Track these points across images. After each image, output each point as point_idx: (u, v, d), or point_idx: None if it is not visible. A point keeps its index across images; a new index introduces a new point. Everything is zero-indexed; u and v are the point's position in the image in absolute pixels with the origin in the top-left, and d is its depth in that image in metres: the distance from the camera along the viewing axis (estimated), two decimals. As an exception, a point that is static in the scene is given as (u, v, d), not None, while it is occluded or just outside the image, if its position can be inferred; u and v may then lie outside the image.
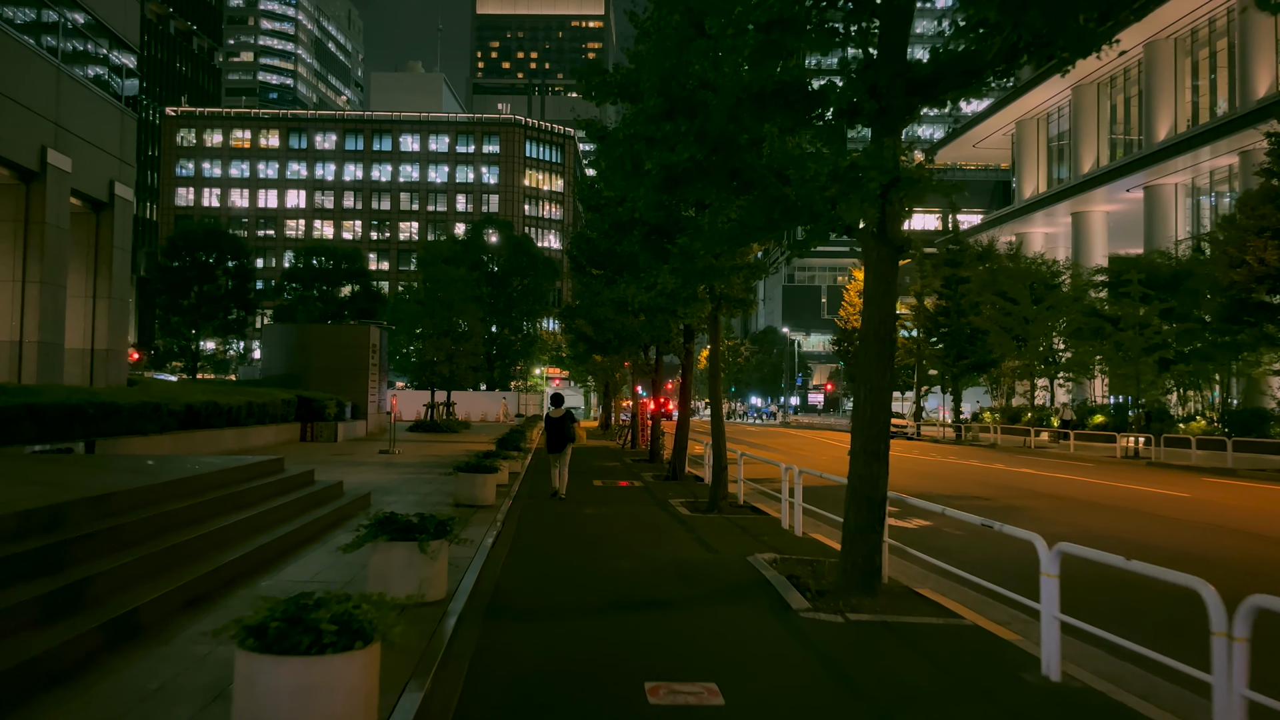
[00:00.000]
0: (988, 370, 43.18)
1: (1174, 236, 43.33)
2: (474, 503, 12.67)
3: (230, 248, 50.72)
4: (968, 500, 15.93)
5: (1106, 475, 22.34)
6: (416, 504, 12.87)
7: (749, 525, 11.79)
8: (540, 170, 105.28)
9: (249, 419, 24.06)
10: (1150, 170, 43.91)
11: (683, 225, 13.29)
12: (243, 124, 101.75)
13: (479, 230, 69.07)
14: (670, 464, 18.27)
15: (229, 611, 6.09)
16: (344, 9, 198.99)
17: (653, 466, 21.66)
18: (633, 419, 30.16)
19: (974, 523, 6.91)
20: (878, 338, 7.53)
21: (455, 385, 41.25)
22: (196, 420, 20.49)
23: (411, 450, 25.74)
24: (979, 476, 21.28)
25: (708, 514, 12.92)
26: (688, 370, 18.37)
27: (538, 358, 77.58)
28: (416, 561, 6.53)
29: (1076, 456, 30.80)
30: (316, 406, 29.36)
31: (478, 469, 12.69)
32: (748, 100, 7.40)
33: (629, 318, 18.05)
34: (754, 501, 14.32)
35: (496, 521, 11.32)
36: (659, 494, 15.57)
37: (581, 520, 12.17)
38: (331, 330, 36.37)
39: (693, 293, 12.66)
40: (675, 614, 6.82)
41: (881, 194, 6.97)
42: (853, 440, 7.52)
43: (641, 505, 14.02)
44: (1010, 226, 57.87)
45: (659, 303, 13.58)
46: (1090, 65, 49.43)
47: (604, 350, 23.40)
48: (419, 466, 19.87)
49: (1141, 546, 10.83)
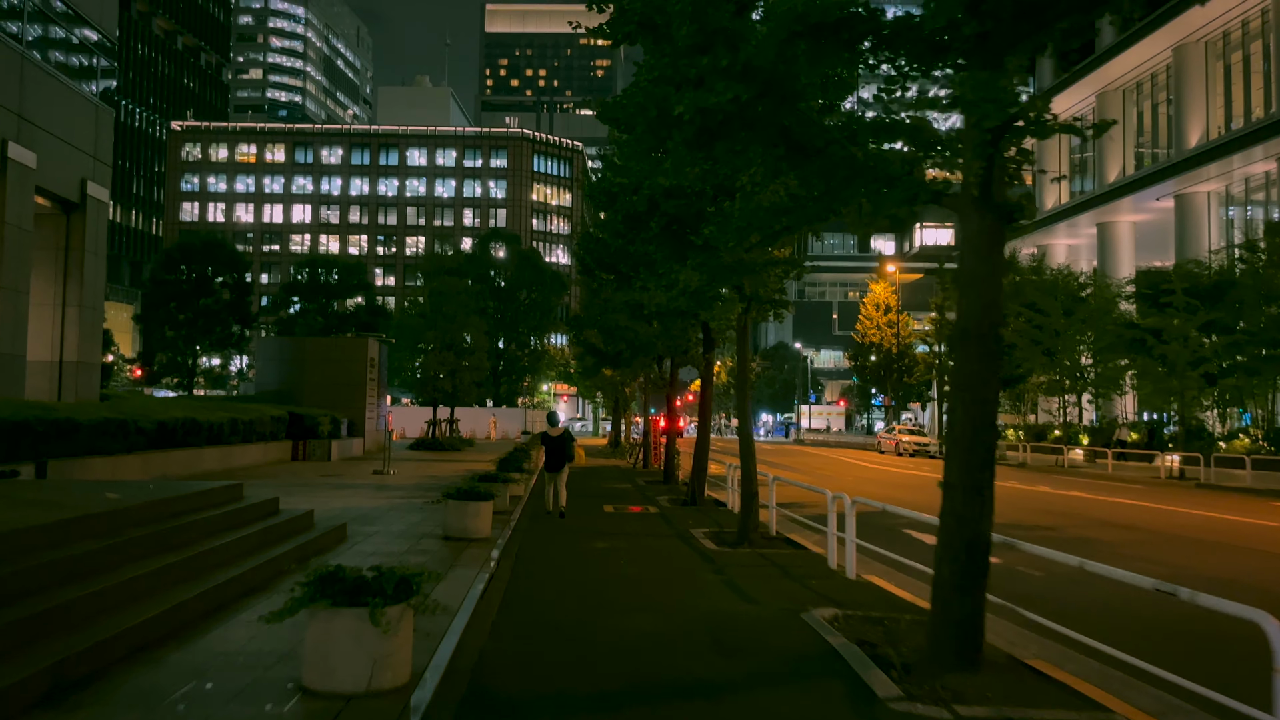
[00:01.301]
0: (1014, 386, 41.23)
1: (1208, 246, 41.44)
2: (465, 535, 10.93)
3: (229, 260, 49.24)
4: (1029, 530, 14.11)
5: (1164, 499, 20.46)
6: (400, 537, 11.14)
7: (788, 564, 10.01)
8: (548, 185, 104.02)
9: (233, 437, 22.40)
10: (1182, 178, 42.10)
11: (706, 217, 11.61)
12: (248, 138, 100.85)
13: (485, 243, 67.61)
14: (688, 487, 16.51)
15: (98, 713, 4.37)
16: (353, 27, 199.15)
17: (668, 489, 19.90)
18: (644, 437, 28.40)
19: (1069, 564, 5.37)
20: (980, 335, 5.81)
21: (459, 401, 39.56)
22: (171, 439, 18.82)
23: (408, 471, 24.02)
24: (1026, 501, 19.43)
25: (736, 548, 11.16)
26: (707, 383, 16.65)
27: (545, 373, 75.87)
28: (368, 636, 4.79)
29: (1116, 477, 28.88)
30: (309, 423, 27.71)
31: (471, 495, 10.96)
32: (805, 34, 5.72)
33: (642, 325, 16.34)
34: (788, 532, 12.54)
35: (490, 561, 9.57)
36: (678, 523, 13.80)
37: (590, 557, 10.42)
38: (328, 344, 34.77)
39: (719, 292, 10.95)
40: (717, 707, 5.05)
41: (992, 140, 5.25)
42: (946, 468, 5.76)
43: (659, 537, 12.25)
44: (1031, 239, 56.03)
45: (679, 305, 11.86)
46: (1116, 70, 47.87)
47: (614, 363, 21.66)
48: (412, 489, 18.15)
49: None
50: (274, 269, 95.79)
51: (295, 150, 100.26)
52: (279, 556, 8.74)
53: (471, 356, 37.09)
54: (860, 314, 57.27)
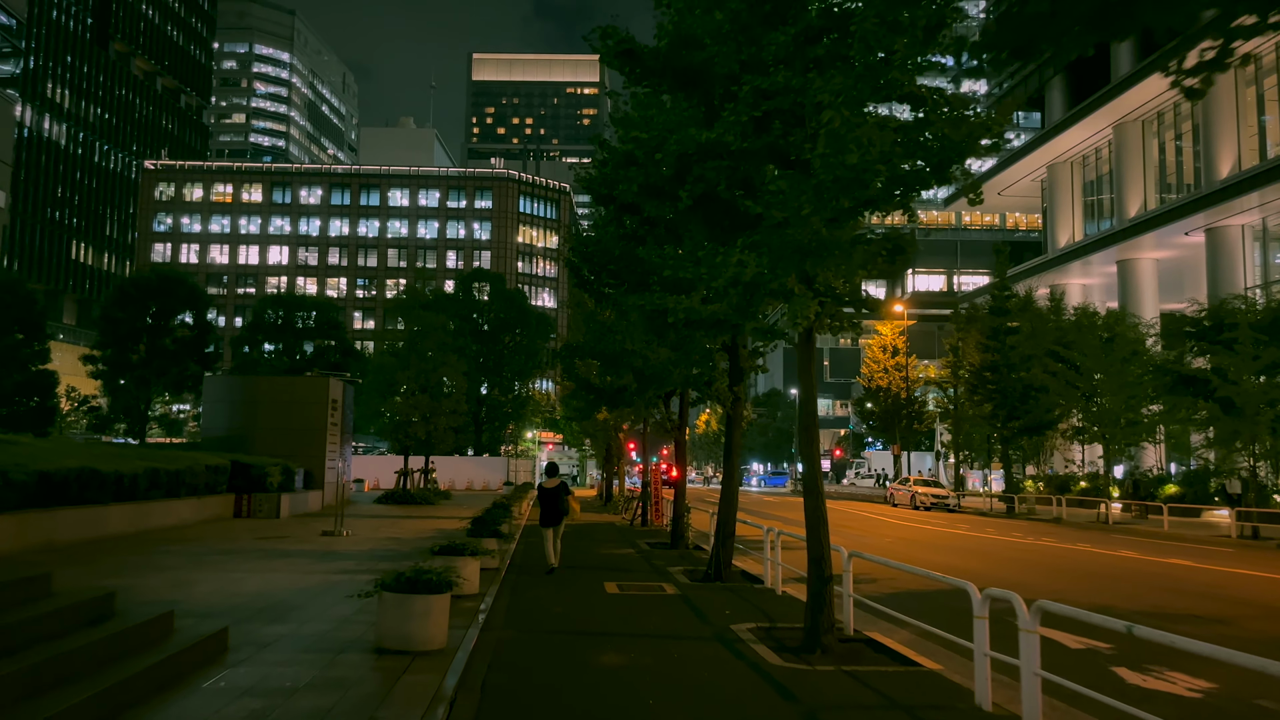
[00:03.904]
0: (1043, 432, 37.84)
1: (1244, 282, 38.58)
2: (409, 646, 7.28)
3: (188, 297, 45.44)
4: (1167, 618, 10.50)
5: (1275, 565, 16.96)
6: (312, 649, 7.46)
7: (908, 696, 6.41)
8: (535, 226, 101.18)
9: (153, 491, 18.60)
10: (1213, 210, 39.39)
11: (753, 192, 8.22)
12: (224, 178, 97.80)
13: (468, 283, 64.21)
14: (712, 558, 12.86)
15: None
16: (339, 73, 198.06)
17: (678, 555, 16.24)
18: (643, 490, 24.70)
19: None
20: None
21: (433, 449, 35.80)
22: (61, 494, 15.05)
23: (366, 531, 20.23)
24: (1110, 568, 15.88)
25: (810, 660, 7.56)
26: (735, 424, 13.11)
27: (530, 420, 72.02)
28: None
29: (1178, 536, 25.40)
30: (256, 474, 23.91)
31: (417, 586, 7.32)
32: None
33: (654, 351, 12.82)
34: (868, 628, 8.95)
35: (438, 700, 5.93)
36: (709, 611, 10.14)
37: (596, 688, 6.77)
38: (284, 383, 31.02)
39: (780, 285, 7.51)
40: None
41: None
42: None
43: (690, 640, 8.60)
44: (1045, 278, 53.20)
45: (716, 312, 8.37)
46: (1134, 100, 45.45)
47: (614, 401, 18.11)
48: (363, 558, 14.44)
49: None
50: (248, 312, 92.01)
51: (273, 190, 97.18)
52: (77, 706, 5.09)
53: (448, 399, 33.42)
54: (865, 357, 54.06)
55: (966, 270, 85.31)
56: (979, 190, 7.80)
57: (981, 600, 6.10)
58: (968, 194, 7.93)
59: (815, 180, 7.09)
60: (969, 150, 7.73)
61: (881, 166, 7.06)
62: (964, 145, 7.56)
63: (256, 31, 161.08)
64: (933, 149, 7.62)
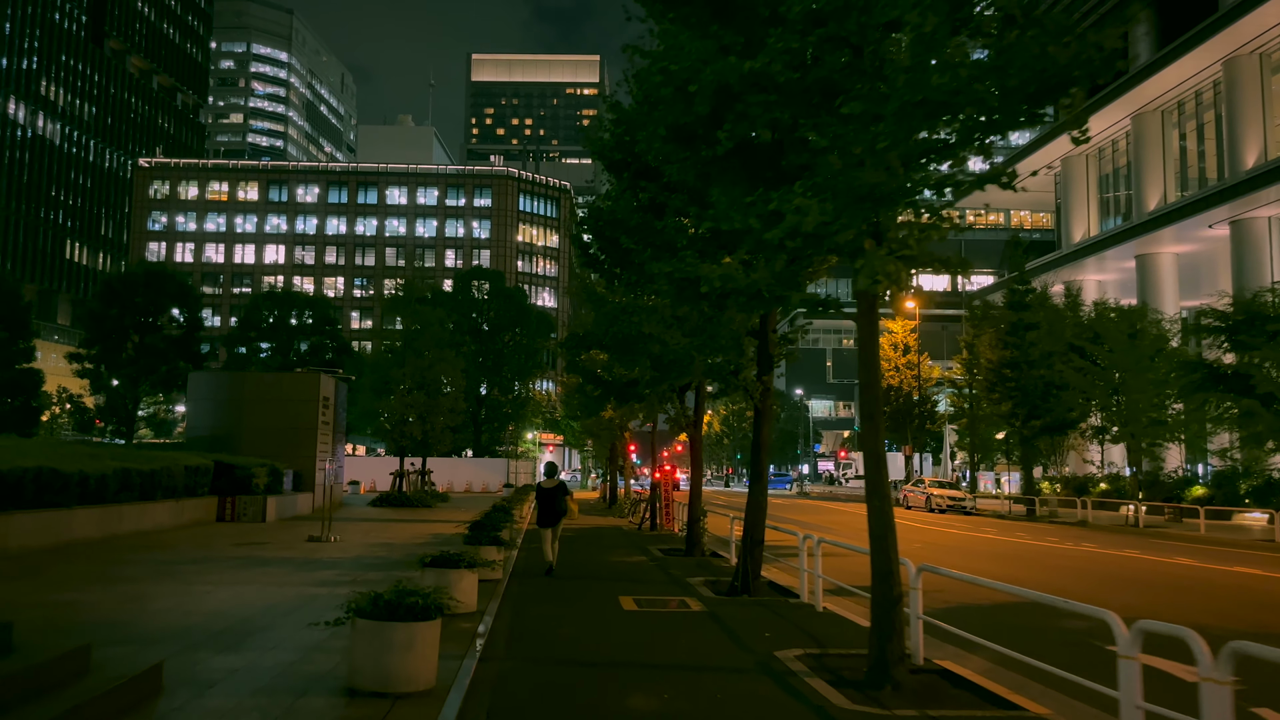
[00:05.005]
0: (1065, 432, 36.39)
1: (1270, 275, 37.17)
2: (386, 687, 5.84)
3: (176, 293, 44.01)
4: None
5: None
6: (267, 688, 6.02)
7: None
8: (534, 225, 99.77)
9: (124, 494, 17.18)
10: (1239, 201, 37.98)
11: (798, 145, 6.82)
12: (220, 175, 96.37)
13: (466, 281, 62.78)
14: (739, 568, 11.44)
15: None
16: (338, 73, 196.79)
17: (696, 564, 14.85)
18: (652, 492, 23.27)
19: None
20: None
21: (430, 450, 34.38)
22: (15, 496, 13.64)
23: (356, 535, 18.82)
24: (1175, 578, 14.45)
25: (890, 706, 6.15)
26: (765, 418, 11.70)
27: (530, 421, 70.55)
28: None
29: (1216, 539, 23.99)
30: (241, 476, 22.51)
31: (398, 612, 5.88)
32: None
33: (670, 337, 11.39)
34: (938, 655, 7.54)
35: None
36: (745, 634, 8.70)
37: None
38: (272, 380, 29.57)
39: (847, 239, 6.10)
40: None
41: None
42: None
43: (731, 673, 7.17)
44: (1060, 274, 51.76)
45: (763, 281, 6.95)
46: (1153, 90, 44.09)
47: (623, 395, 16.68)
48: (349, 566, 13.03)
49: None
50: (244, 311, 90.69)
51: (270, 188, 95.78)
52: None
53: (445, 398, 31.99)
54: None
55: (972, 270, 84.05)
56: (1012, 172, 6.40)
57: (1131, 638, 4.67)
58: (1000, 177, 6.51)
59: (895, 105, 5.67)
60: (1072, 78, 6.30)
61: (978, 86, 5.64)
62: (1070, 70, 6.13)
63: (255, 31, 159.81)
64: (1030, 71, 6.18)
